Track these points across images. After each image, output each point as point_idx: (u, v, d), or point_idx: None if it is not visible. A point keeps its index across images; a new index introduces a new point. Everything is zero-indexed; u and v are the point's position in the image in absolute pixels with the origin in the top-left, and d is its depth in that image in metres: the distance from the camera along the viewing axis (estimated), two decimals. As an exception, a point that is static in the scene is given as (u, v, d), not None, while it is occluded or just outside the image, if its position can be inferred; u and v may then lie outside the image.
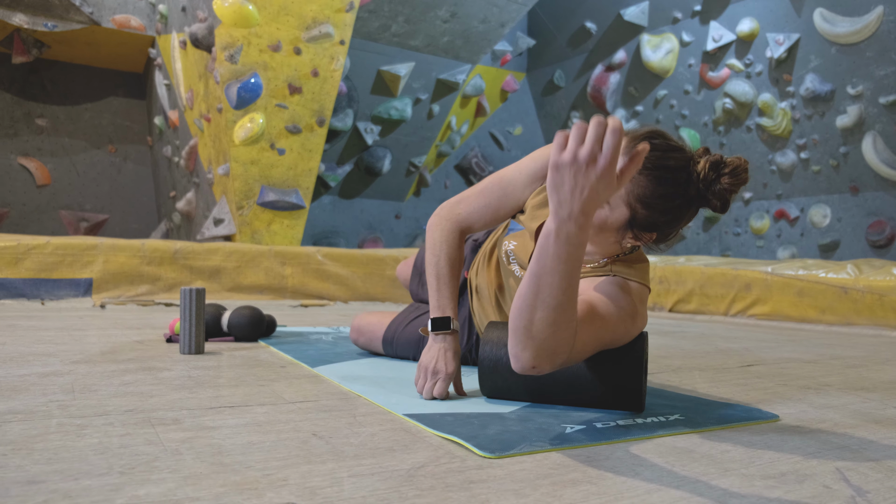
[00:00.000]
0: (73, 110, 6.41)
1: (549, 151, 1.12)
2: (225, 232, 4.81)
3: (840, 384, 1.57)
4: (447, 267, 1.32)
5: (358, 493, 0.73)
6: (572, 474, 0.81)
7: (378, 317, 1.85)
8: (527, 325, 0.95)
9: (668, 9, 6.57)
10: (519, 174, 1.32)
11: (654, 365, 1.83)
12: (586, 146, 0.83)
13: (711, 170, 1.08)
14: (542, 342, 0.95)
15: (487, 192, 1.34)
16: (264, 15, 4.50)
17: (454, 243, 1.34)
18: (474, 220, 1.36)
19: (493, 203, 1.34)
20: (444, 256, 1.33)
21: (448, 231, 1.35)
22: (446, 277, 1.32)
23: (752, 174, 6.05)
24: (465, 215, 1.35)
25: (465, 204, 1.36)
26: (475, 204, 1.35)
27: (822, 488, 0.79)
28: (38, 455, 0.83)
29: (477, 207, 1.35)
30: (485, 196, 1.34)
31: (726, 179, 1.07)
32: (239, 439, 0.93)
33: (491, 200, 1.34)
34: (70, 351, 1.75)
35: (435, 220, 1.37)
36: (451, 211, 1.37)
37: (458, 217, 1.36)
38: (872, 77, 5.10)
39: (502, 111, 8.07)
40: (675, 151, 1.09)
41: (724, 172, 1.07)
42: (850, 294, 3.18)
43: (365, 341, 1.86)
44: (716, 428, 1.08)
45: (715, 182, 1.08)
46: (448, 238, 1.34)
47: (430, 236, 1.36)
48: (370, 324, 1.84)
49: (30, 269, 3.35)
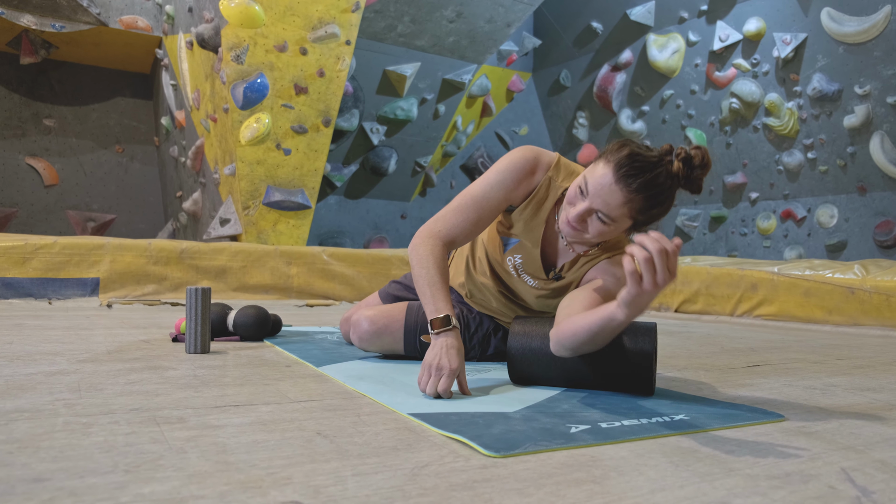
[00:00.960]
0: (80, 111, 6.44)
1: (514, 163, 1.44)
2: (231, 232, 4.82)
3: (847, 384, 1.56)
4: (438, 275, 1.38)
5: (362, 491, 0.73)
6: (576, 474, 0.81)
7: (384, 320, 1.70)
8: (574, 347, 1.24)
9: (675, 8, 6.56)
10: (491, 189, 1.44)
11: (660, 365, 1.82)
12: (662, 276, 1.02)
13: (685, 167, 1.28)
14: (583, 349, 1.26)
15: (463, 208, 1.45)
16: (270, 15, 4.51)
17: (440, 255, 1.42)
18: (455, 235, 1.45)
19: (472, 217, 1.45)
20: (434, 266, 1.39)
21: (433, 245, 1.42)
22: (438, 284, 1.37)
23: (759, 174, 6.03)
24: (445, 232, 1.45)
25: (443, 222, 1.46)
26: (453, 220, 1.45)
27: (827, 489, 0.78)
28: (43, 453, 0.83)
29: (456, 223, 1.45)
30: (461, 213, 1.45)
31: (697, 172, 1.28)
32: (244, 438, 0.93)
33: (469, 215, 1.45)
34: (76, 350, 1.76)
35: (417, 240, 1.44)
36: (431, 230, 1.45)
37: (440, 234, 1.45)
38: (880, 77, 5.07)
39: (508, 111, 8.07)
40: (656, 167, 1.26)
41: (694, 166, 1.28)
42: (858, 294, 3.16)
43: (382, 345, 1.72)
44: (720, 428, 1.07)
45: (689, 176, 1.29)
46: (434, 251, 1.41)
47: (416, 254, 1.42)
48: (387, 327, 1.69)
49: (37, 269, 3.37)
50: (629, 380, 1.32)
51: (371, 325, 1.69)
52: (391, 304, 1.77)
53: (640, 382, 1.32)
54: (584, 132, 7.68)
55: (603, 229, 1.31)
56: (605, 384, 1.36)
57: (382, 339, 1.70)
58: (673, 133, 6.70)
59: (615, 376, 1.33)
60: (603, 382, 1.36)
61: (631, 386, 1.33)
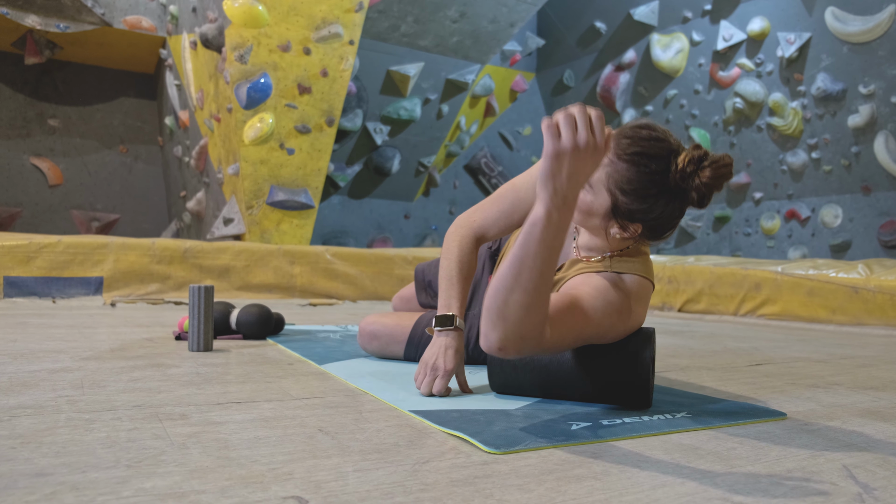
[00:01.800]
0: (84, 111, 6.46)
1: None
2: (234, 231, 4.83)
3: (849, 383, 1.56)
4: (457, 270, 1.35)
5: (362, 487, 0.73)
6: (577, 470, 0.81)
7: (394, 319, 1.72)
8: (501, 306, 0.98)
9: (678, 8, 6.55)
10: (530, 178, 1.34)
11: (662, 364, 1.82)
12: (583, 133, 0.89)
13: (691, 163, 1.08)
14: (514, 323, 0.98)
15: (501, 199, 1.37)
16: (274, 15, 4.51)
17: (467, 248, 1.37)
18: (488, 227, 1.39)
19: (507, 209, 1.36)
20: (456, 260, 1.35)
21: (462, 237, 1.38)
22: (456, 279, 1.34)
23: (763, 174, 6.02)
24: (479, 222, 1.39)
25: (481, 212, 1.40)
26: (489, 211, 1.38)
27: (829, 485, 0.78)
28: (46, 448, 0.83)
29: (491, 214, 1.38)
30: (499, 203, 1.37)
31: (706, 173, 1.07)
32: (245, 434, 0.93)
33: (504, 207, 1.37)
34: (80, 348, 1.76)
35: (452, 228, 1.41)
36: (467, 219, 1.40)
37: (473, 224, 1.39)
38: (884, 76, 5.06)
39: (511, 111, 8.06)
40: (658, 142, 1.10)
41: (704, 166, 1.08)
42: (861, 294, 3.15)
43: (380, 345, 1.72)
44: (723, 425, 1.07)
45: (693, 175, 1.08)
46: (461, 244, 1.37)
47: (445, 244, 1.40)
48: (386, 326, 1.71)
49: (41, 268, 3.38)
50: (622, 393, 1.18)
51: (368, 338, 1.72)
52: (399, 314, 1.75)
53: (635, 396, 1.17)
54: (588, 132, 7.66)
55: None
56: (595, 397, 1.21)
57: (388, 347, 1.71)
58: (676, 133, 6.69)
59: (605, 389, 1.19)
60: (591, 395, 1.21)
61: (625, 400, 1.19)
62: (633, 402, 1.18)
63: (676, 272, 3.99)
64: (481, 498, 0.71)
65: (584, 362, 1.19)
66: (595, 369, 1.19)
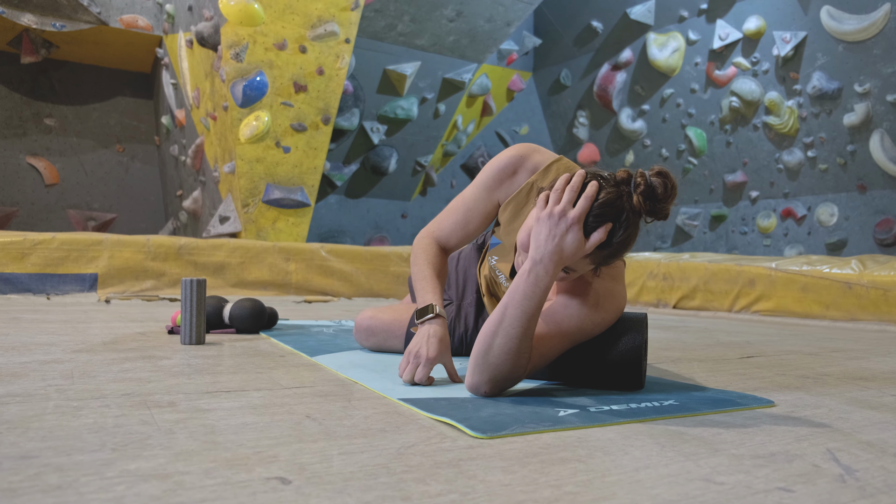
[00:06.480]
0: (81, 110, 6.45)
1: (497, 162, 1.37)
2: (231, 230, 4.83)
3: (839, 374, 1.56)
4: (429, 269, 1.41)
5: (347, 468, 0.73)
6: (561, 454, 0.82)
7: (390, 314, 1.73)
8: (485, 350, 1.11)
9: (675, 7, 6.56)
10: (475, 189, 1.42)
11: (653, 356, 1.82)
12: (561, 203, 1.06)
13: (647, 201, 1.11)
14: (497, 367, 1.11)
15: (453, 211, 1.45)
16: (270, 13, 4.52)
17: (433, 252, 1.45)
18: (447, 237, 1.46)
19: (460, 220, 1.44)
20: (426, 262, 1.42)
21: (426, 245, 1.46)
22: (429, 277, 1.39)
23: (759, 173, 6.03)
24: (438, 233, 1.47)
25: (438, 224, 1.48)
26: (445, 223, 1.46)
27: (811, 467, 0.79)
28: (32, 433, 0.84)
29: (447, 226, 1.46)
30: (452, 215, 1.45)
31: (661, 205, 1.12)
32: (233, 420, 0.94)
33: (458, 218, 1.44)
34: (72, 341, 1.77)
35: (416, 240, 1.49)
36: (427, 230, 1.49)
37: (434, 235, 1.48)
38: (880, 75, 5.07)
39: (508, 110, 8.07)
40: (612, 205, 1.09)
41: (657, 198, 1.11)
42: (855, 289, 3.16)
43: (377, 342, 1.73)
44: (710, 412, 1.08)
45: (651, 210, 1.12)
46: (427, 250, 1.45)
47: (413, 254, 1.47)
48: (383, 321, 1.71)
49: (36, 265, 3.38)
50: (616, 373, 1.24)
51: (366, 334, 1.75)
52: (396, 307, 1.77)
53: (629, 376, 1.23)
54: (585, 131, 7.68)
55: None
56: (590, 381, 1.27)
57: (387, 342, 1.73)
58: (673, 132, 6.70)
59: (601, 370, 1.24)
60: (587, 378, 1.27)
61: (618, 380, 1.24)
62: (627, 384, 1.23)
63: (671, 269, 4.00)
64: (464, 479, 0.71)
65: (577, 345, 1.24)
66: (588, 351, 1.24)
